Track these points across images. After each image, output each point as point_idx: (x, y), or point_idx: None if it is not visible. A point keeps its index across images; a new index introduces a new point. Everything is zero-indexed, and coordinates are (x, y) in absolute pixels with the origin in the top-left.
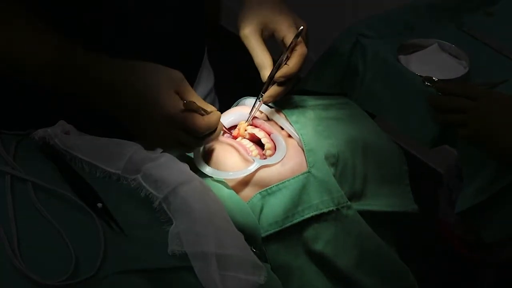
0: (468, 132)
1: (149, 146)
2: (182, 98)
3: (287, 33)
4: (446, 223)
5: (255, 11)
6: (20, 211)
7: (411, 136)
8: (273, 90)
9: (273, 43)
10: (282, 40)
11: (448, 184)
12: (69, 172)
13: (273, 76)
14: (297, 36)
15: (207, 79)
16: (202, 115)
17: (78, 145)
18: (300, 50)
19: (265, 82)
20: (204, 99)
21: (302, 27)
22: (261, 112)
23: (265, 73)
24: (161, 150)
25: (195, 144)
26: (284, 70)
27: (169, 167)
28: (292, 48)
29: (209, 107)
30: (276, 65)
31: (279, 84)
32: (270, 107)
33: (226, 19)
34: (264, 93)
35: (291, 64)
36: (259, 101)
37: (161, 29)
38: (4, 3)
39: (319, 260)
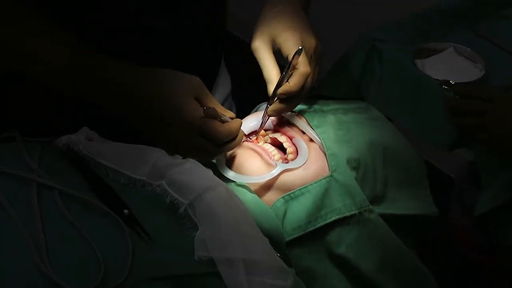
0: (486, 135)
1: (170, 152)
2: (201, 105)
3: (291, 52)
4: (458, 227)
5: (267, 24)
6: (47, 218)
7: (429, 139)
8: (276, 105)
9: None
10: (287, 58)
11: (460, 188)
12: (94, 179)
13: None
14: (295, 56)
15: (224, 85)
16: (223, 122)
17: (102, 152)
18: (301, 70)
19: (271, 96)
20: (222, 104)
21: (300, 47)
22: (282, 117)
23: (270, 87)
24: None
25: (215, 151)
26: (284, 88)
27: (193, 173)
28: (293, 67)
29: (230, 114)
30: (278, 82)
31: (281, 100)
32: (291, 111)
33: (238, 26)
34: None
35: (292, 83)
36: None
37: (177, 36)
38: (20, 7)
39: (342, 264)
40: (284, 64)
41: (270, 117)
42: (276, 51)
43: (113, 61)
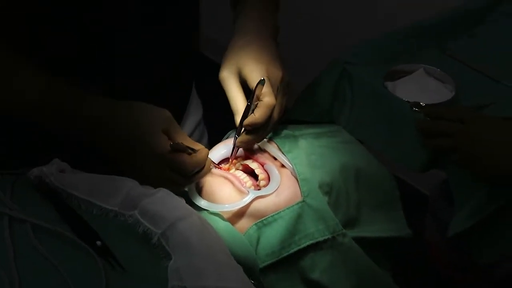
0: (458, 155)
1: (141, 183)
2: (169, 138)
3: (256, 83)
4: (433, 245)
5: (234, 54)
6: (20, 252)
7: (401, 162)
8: (243, 137)
9: None
10: (252, 89)
11: (434, 205)
12: (66, 210)
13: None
14: (258, 86)
15: (195, 111)
16: (190, 154)
17: (73, 183)
18: (266, 101)
19: (237, 127)
20: (193, 131)
21: (263, 78)
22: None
23: (237, 117)
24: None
25: (184, 182)
26: (250, 119)
27: (166, 202)
28: (257, 97)
29: (197, 146)
30: (244, 113)
31: (248, 132)
32: None
33: (213, 50)
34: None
35: (257, 115)
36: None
37: (148, 63)
38: None
39: None
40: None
41: (239, 149)
42: (243, 81)
43: (84, 93)
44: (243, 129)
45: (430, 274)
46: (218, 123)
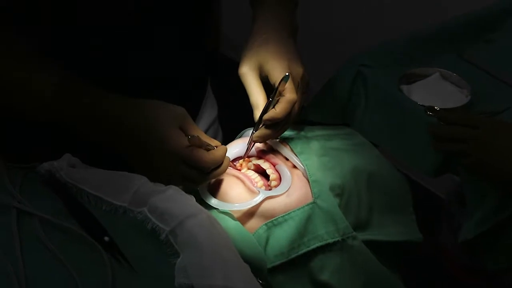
0: (471, 161)
1: (155, 181)
2: (186, 134)
3: (278, 79)
4: (447, 248)
5: (254, 51)
6: (27, 246)
7: (414, 166)
8: (261, 131)
9: None
10: (274, 85)
11: (449, 209)
12: (75, 205)
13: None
14: (281, 82)
15: (210, 109)
16: (208, 150)
17: (84, 178)
18: (288, 97)
19: (256, 122)
20: (208, 129)
21: (287, 74)
22: (266, 143)
23: (257, 113)
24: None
25: (200, 179)
26: (270, 114)
27: (175, 199)
28: (279, 93)
29: (214, 142)
30: (264, 108)
31: (267, 127)
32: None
33: (229, 49)
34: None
35: (278, 110)
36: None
37: (164, 60)
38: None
39: None
40: (272, 91)
41: (255, 144)
42: (263, 78)
43: (99, 91)
44: (261, 124)
45: (442, 277)
46: (233, 122)
